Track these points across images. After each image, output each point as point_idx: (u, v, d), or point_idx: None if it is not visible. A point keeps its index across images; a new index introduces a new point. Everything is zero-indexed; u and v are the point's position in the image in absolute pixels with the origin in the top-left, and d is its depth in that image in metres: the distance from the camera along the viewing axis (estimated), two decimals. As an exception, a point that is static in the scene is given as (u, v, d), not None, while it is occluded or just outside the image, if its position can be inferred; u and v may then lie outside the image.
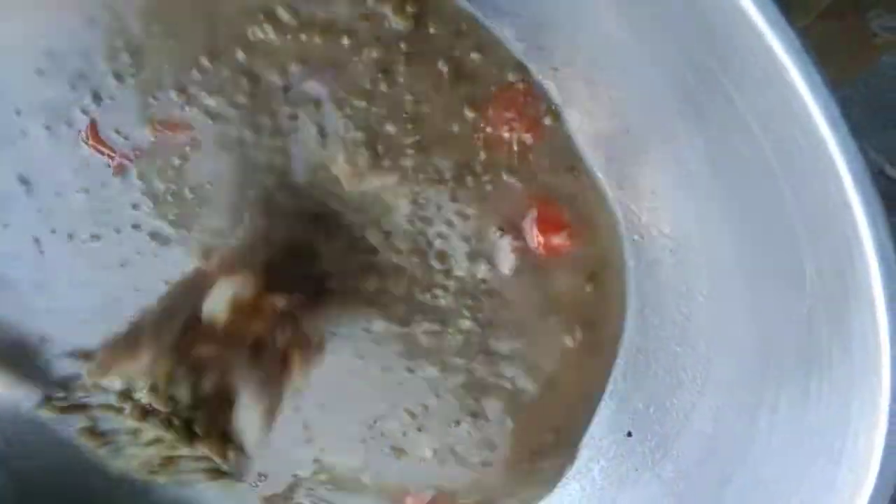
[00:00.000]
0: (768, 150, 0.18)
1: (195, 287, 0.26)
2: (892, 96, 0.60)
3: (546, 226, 0.27)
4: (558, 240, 0.27)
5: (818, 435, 0.22)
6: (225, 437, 0.24)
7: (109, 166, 0.28)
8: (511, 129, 0.26)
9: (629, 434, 0.31)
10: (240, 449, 0.25)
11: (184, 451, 0.25)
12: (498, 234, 0.27)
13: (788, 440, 0.23)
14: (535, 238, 0.27)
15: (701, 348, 0.26)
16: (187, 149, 0.27)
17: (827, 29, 0.27)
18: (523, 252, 0.27)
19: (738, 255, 0.23)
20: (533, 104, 0.26)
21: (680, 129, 0.21)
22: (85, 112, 0.27)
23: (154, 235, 0.29)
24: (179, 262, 0.29)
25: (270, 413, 0.25)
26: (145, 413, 0.24)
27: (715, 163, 0.21)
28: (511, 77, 0.25)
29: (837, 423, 0.21)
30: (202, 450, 0.24)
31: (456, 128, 0.26)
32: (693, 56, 0.18)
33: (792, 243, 0.20)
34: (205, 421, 0.24)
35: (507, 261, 0.28)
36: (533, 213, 0.27)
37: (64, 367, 0.32)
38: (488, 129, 0.26)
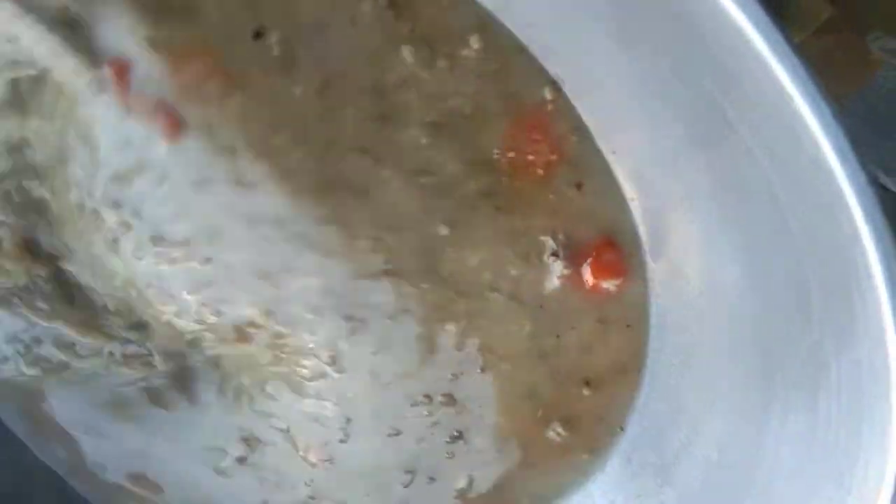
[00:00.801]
0: (775, 181, 0.18)
1: None
2: (885, 107, 0.60)
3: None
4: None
5: (826, 462, 0.21)
6: None
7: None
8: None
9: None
10: None
11: None
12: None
13: (795, 467, 0.23)
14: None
15: (704, 374, 0.26)
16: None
17: (824, 44, 0.26)
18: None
19: (743, 283, 0.23)
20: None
21: (685, 161, 0.21)
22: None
23: None
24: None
25: None
26: None
27: (722, 194, 0.21)
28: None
29: (846, 451, 0.21)
30: None
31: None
32: (693, 80, 0.18)
33: (799, 272, 0.20)
34: None
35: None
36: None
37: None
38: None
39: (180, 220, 0.25)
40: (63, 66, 0.23)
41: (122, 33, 0.23)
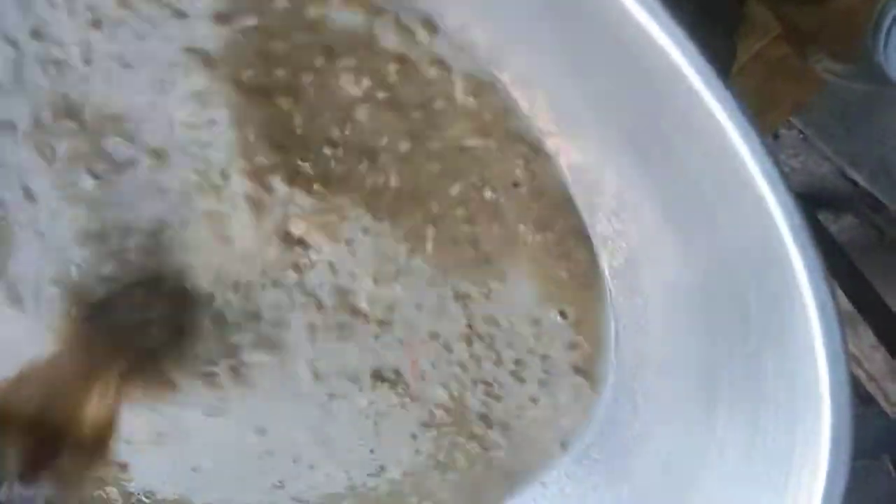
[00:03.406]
0: (711, 197, 0.18)
1: None
2: (857, 103, 0.61)
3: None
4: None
5: (765, 469, 0.22)
6: None
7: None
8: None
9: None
10: None
11: None
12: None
13: (737, 473, 0.23)
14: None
15: (652, 377, 0.26)
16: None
17: (775, 58, 0.27)
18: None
19: (688, 292, 0.23)
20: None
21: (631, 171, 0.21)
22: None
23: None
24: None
25: None
26: None
27: (668, 207, 0.21)
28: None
29: (783, 459, 0.21)
30: None
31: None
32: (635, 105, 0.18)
33: (738, 285, 0.20)
34: None
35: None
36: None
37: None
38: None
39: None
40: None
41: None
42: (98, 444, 0.25)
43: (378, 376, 0.29)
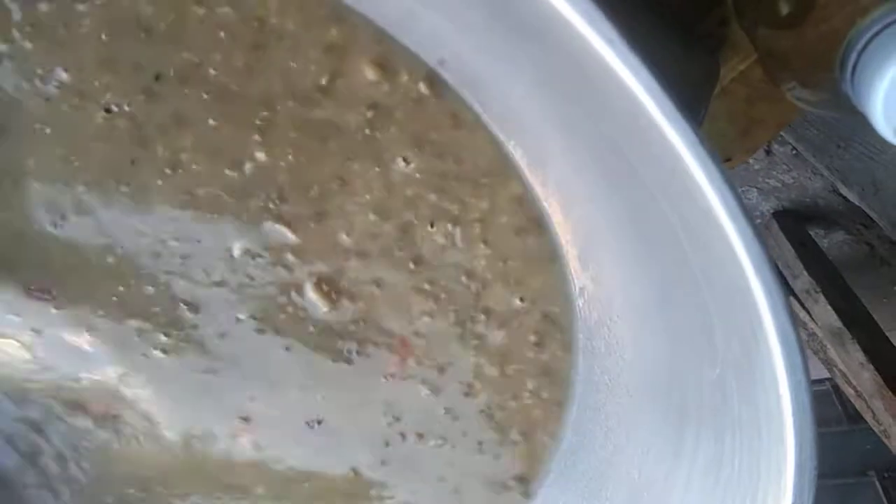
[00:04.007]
0: (678, 227, 0.18)
1: None
2: (850, 119, 0.61)
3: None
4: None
5: (731, 493, 0.22)
6: None
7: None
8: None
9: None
10: None
11: None
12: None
13: (705, 495, 0.23)
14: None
15: (625, 399, 0.26)
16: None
17: (753, 85, 0.27)
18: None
19: (656, 314, 0.23)
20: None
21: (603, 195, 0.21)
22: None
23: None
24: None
25: None
26: None
27: (637, 231, 0.21)
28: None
29: (748, 483, 0.21)
30: None
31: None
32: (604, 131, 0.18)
33: (704, 312, 0.20)
34: None
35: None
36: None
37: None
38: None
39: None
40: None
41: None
42: None
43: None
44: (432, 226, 0.26)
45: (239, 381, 0.29)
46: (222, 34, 0.23)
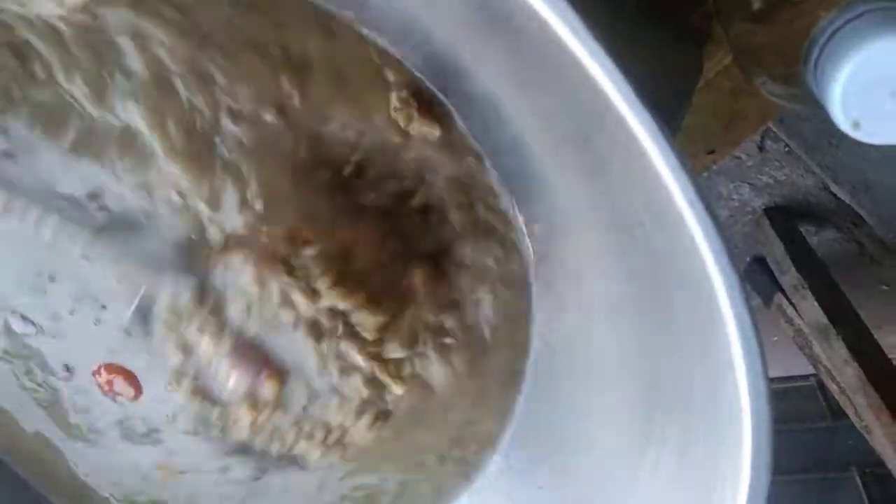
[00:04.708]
0: (647, 224, 0.19)
1: None
2: (823, 114, 0.61)
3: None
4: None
5: (693, 483, 0.23)
6: None
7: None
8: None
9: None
10: None
11: None
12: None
13: (670, 484, 0.24)
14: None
15: (596, 384, 0.27)
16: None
17: (736, 79, 0.27)
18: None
19: (630, 306, 0.23)
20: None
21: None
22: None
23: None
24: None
25: None
26: None
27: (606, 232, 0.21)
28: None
29: (710, 465, 0.22)
30: None
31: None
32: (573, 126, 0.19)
33: (665, 298, 0.20)
34: None
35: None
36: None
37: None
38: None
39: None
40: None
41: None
42: None
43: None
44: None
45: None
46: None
